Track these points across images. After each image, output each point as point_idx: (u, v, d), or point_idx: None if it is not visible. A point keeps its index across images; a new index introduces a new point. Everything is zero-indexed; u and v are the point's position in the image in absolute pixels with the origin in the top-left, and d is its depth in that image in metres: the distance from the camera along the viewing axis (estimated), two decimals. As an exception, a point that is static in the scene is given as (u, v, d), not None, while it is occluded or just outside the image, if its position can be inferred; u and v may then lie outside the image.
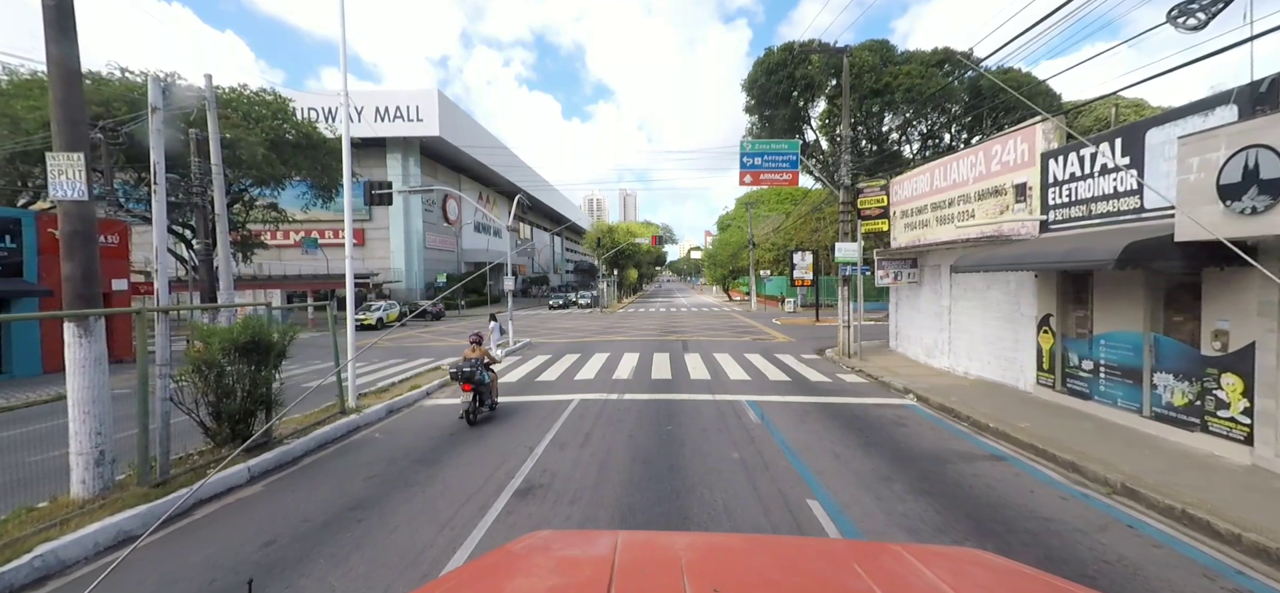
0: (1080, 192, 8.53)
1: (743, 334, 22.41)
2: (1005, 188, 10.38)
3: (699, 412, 9.08)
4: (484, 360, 8.69)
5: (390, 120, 45.28)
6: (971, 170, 11.42)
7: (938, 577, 1.38)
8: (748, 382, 11.79)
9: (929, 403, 9.75)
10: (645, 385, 11.42)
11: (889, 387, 11.34)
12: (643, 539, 1.78)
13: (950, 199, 12.12)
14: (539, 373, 13.31)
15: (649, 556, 1.56)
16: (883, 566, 1.49)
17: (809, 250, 32.95)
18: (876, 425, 8.25)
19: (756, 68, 25.80)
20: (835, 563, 1.59)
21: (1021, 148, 9.96)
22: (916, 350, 14.51)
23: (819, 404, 9.69)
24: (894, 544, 1.68)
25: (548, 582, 1.43)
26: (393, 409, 9.57)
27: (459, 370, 8.16)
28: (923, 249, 13.67)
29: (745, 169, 15.92)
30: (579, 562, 1.61)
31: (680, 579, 1.29)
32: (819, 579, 1.46)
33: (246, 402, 6.40)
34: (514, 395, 10.69)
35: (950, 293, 12.81)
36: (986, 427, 8.02)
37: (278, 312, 29.67)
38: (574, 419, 8.70)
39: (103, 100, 19.80)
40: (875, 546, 1.77)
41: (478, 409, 8.40)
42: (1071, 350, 9.02)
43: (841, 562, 1.59)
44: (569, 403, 9.86)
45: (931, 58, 22.79)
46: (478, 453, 7.01)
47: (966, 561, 1.67)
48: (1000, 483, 5.92)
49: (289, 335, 7.16)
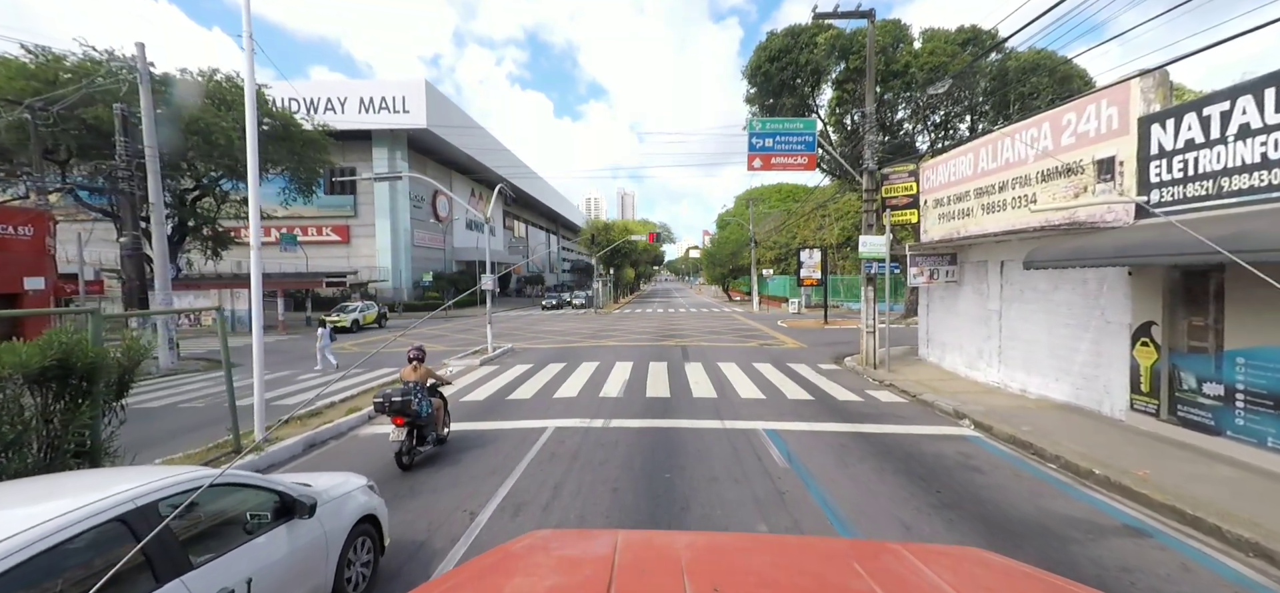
0: (1205, 163, 6.53)
1: (748, 338, 20.40)
2: (1082, 165, 8.38)
3: (706, 449, 7.06)
4: (425, 384, 6.65)
5: (375, 112, 43.11)
6: (1032, 147, 9.41)
7: (938, 576, 1.37)
8: (762, 401, 9.77)
9: (994, 433, 7.74)
10: (638, 407, 9.40)
11: (934, 408, 9.34)
12: (643, 539, 1.77)
13: (1002, 183, 10.12)
14: (513, 388, 11.27)
15: (649, 555, 1.56)
16: (883, 565, 1.48)
17: (816, 248, 30.98)
18: (941, 471, 6.24)
19: (758, 53, 23.80)
20: (835, 563, 1.57)
21: (1108, 114, 7.95)
22: (955, 361, 12.51)
23: (856, 435, 7.66)
24: (894, 543, 1.67)
25: (548, 581, 1.42)
26: (314, 443, 7.51)
27: (387, 400, 6.11)
28: (964, 242, 11.66)
29: (754, 152, 13.89)
30: (579, 561, 1.60)
31: (680, 579, 1.30)
32: (819, 579, 1.45)
33: (49, 455, 4.37)
34: (474, 421, 8.65)
35: (1001, 294, 10.82)
36: (1089, 473, 6.02)
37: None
38: (544, 460, 6.67)
39: (49, 79, 17.71)
40: (875, 545, 1.79)
41: (413, 450, 6.37)
42: (1186, 369, 7.01)
43: (842, 561, 1.57)
44: (542, 433, 7.83)
45: (956, 37, 20.81)
46: (397, 521, 4.98)
47: (967, 559, 1.67)
48: (1169, 587, 3.91)
49: (137, 354, 5.11)
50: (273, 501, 2.99)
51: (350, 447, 7.52)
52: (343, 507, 3.48)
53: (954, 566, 1.53)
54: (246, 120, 6.88)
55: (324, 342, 14.88)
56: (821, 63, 21.35)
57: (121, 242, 13.75)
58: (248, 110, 6.88)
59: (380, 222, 46.22)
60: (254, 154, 6.91)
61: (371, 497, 3.87)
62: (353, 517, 3.55)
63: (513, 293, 68.49)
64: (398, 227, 46.62)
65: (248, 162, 6.91)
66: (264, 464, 6.53)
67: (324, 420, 8.43)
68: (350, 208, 46.78)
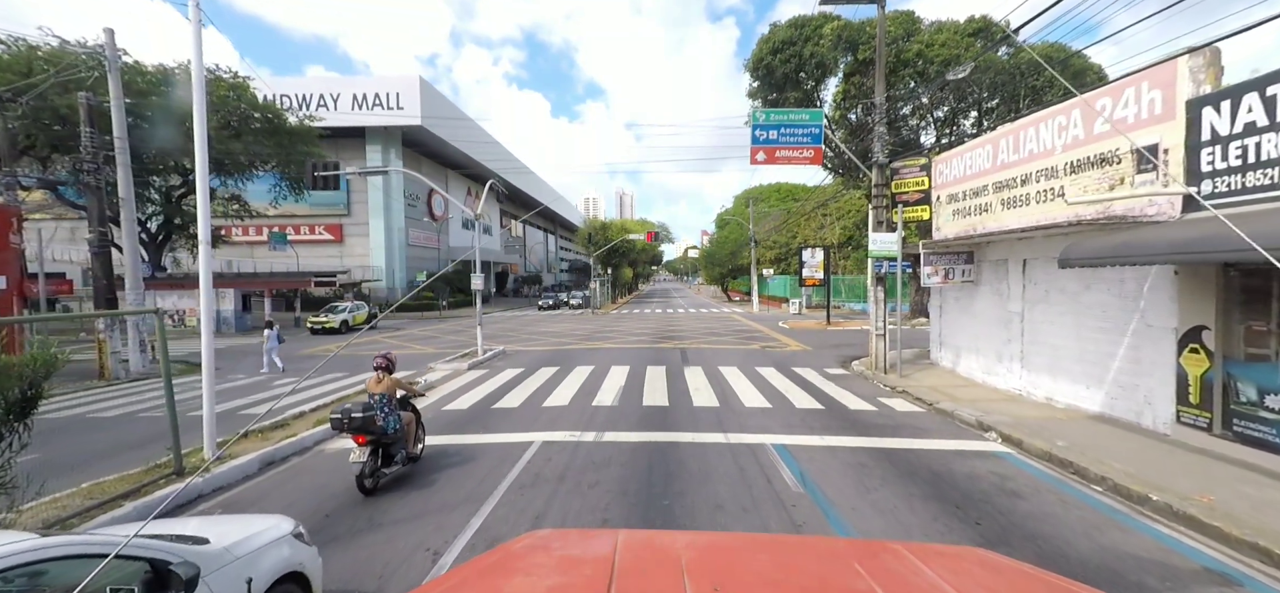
0: (1269, 149, 5.81)
1: (749, 340, 19.67)
2: (1117, 154, 7.68)
3: (709, 468, 6.32)
4: (393, 397, 5.90)
5: (368, 108, 42.28)
6: (1060, 136, 8.71)
7: (938, 576, 1.37)
8: (768, 411, 9.04)
9: (1025, 448, 7.02)
10: (634, 418, 8.65)
11: (954, 418, 8.61)
12: (643, 538, 1.75)
13: (1024, 175, 9.41)
14: (501, 396, 10.51)
15: (649, 555, 1.54)
16: (883, 564, 1.46)
17: (818, 247, 30.27)
18: (976, 495, 5.51)
19: (761, 46, 23.05)
20: (835, 562, 1.56)
21: (1150, 97, 7.24)
22: (971, 365, 11.79)
23: (874, 451, 6.94)
24: (894, 542, 1.66)
25: (548, 581, 1.42)
26: (273, 460, 6.75)
27: (346, 416, 5.36)
28: (981, 240, 10.95)
29: (758, 145, 13.16)
30: (579, 561, 1.58)
31: (680, 579, 1.29)
32: (819, 579, 1.44)
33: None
34: (454, 434, 7.90)
35: (1023, 295, 10.10)
36: (1144, 498, 5.29)
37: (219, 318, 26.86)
38: (526, 483, 5.92)
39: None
40: (876, 544, 1.77)
41: (378, 472, 5.61)
42: (1244, 379, 6.29)
43: (842, 561, 1.56)
44: (527, 449, 7.08)
45: (966, 28, 20.09)
46: (346, 564, 4.23)
47: (967, 559, 1.65)
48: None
49: (45, 364, 4.35)
50: (140, 571, 2.25)
51: (315, 463, 6.76)
52: (252, 566, 2.73)
53: (954, 565, 1.52)
54: (194, 95, 6.11)
55: (270, 343, 14.40)
56: (827, 55, 20.61)
57: (88, 239, 12.95)
58: (195, 79, 6.12)
59: (374, 220, 45.42)
60: (202, 130, 6.14)
61: (298, 549, 3.12)
62: (268, 578, 2.80)
63: (510, 292, 67.72)
64: (392, 225, 45.81)
65: (195, 144, 6.15)
66: (209, 488, 5.77)
67: (289, 433, 7.67)
68: (344, 206, 45.96)
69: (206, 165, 6.24)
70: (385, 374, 5.93)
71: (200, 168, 6.25)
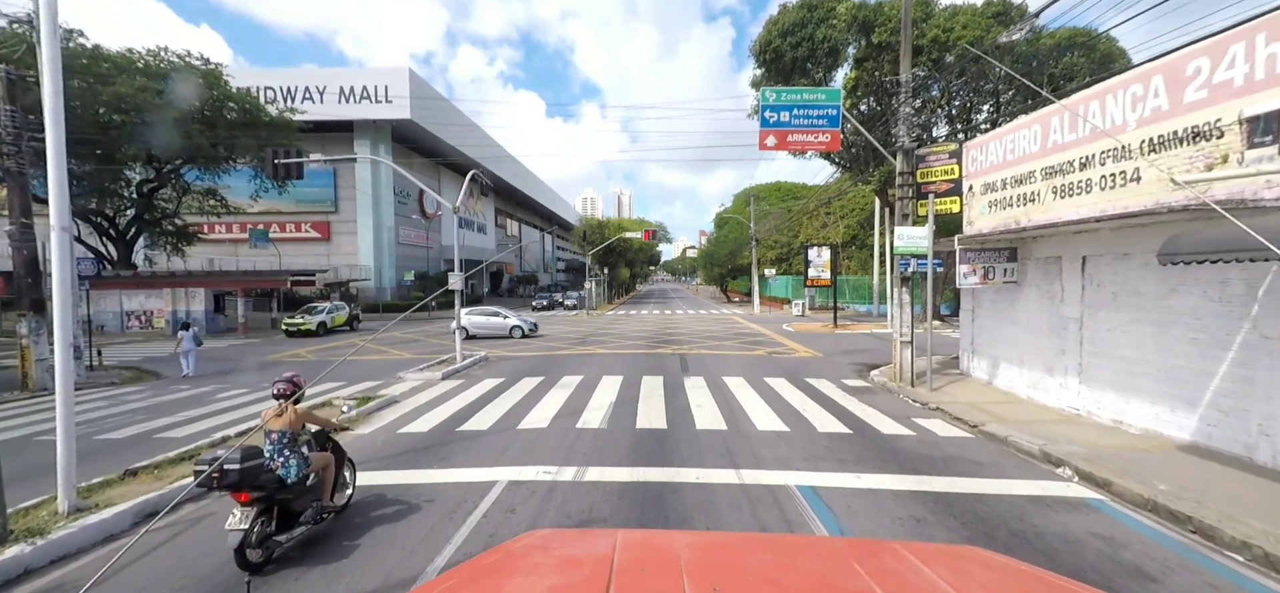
0: None
1: (753, 345, 18.21)
2: (1216, 126, 6.23)
3: (719, 523, 4.85)
4: (297, 434, 4.40)
5: (356, 102, 40.70)
6: (1135, 109, 7.25)
7: (938, 575, 1.34)
8: (786, 436, 7.56)
9: (1115, 492, 5.55)
10: (625, 446, 7.16)
11: (1009, 445, 7.15)
12: (642, 538, 1.73)
13: (1084, 158, 7.95)
14: (471, 414, 9.01)
15: (649, 554, 1.52)
16: (883, 564, 1.43)
17: (825, 246, 28.84)
18: (1085, 573, 4.03)
19: (769, 28, 21.64)
20: (835, 562, 1.53)
21: (1267, 53, 5.80)
22: (1011, 378, 10.34)
23: (928, 498, 5.46)
24: (894, 542, 1.61)
25: (547, 581, 1.39)
26: (156, 509, 5.23)
27: (219, 469, 3.86)
28: (1026, 234, 9.52)
29: (768, 127, 11.69)
30: (579, 561, 1.55)
31: (680, 578, 1.27)
32: (819, 578, 1.42)
33: None
34: (402, 469, 6.40)
35: (1082, 298, 8.65)
36: (1321, 581, 3.84)
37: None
38: (477, 548, 4.44)
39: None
40: (875, 543, 1.74)
41: (269, 539, 4.11)
42: None
43: (841, 560, 1.53)
44: (488, 491, 5.59)
45: (986, 10, 18.66)
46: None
47: (966, 559, 1.62)
48: None
49: None
50: None
51: (216, 509, 5.25)
52: None
53: (954, 565, 1.48)
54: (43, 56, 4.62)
55: (186, 346, 13.44)
56: (840, 39, 19.20)
57: (8, 231, 11.41)
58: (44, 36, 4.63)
59: (362, 218, 43.81)
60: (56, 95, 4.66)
61: None
62: None
63: (505, 292, 66.06)
64: (381, 223, 44.22)
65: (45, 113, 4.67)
66: (43, 559, 4.26)
67: (186, 472, 6.15)
68: (331, 203, 44.35)
69: (62, 132, 4.76)
70: (287, 404, 4.41)
71: (51, 134, 4.76)
